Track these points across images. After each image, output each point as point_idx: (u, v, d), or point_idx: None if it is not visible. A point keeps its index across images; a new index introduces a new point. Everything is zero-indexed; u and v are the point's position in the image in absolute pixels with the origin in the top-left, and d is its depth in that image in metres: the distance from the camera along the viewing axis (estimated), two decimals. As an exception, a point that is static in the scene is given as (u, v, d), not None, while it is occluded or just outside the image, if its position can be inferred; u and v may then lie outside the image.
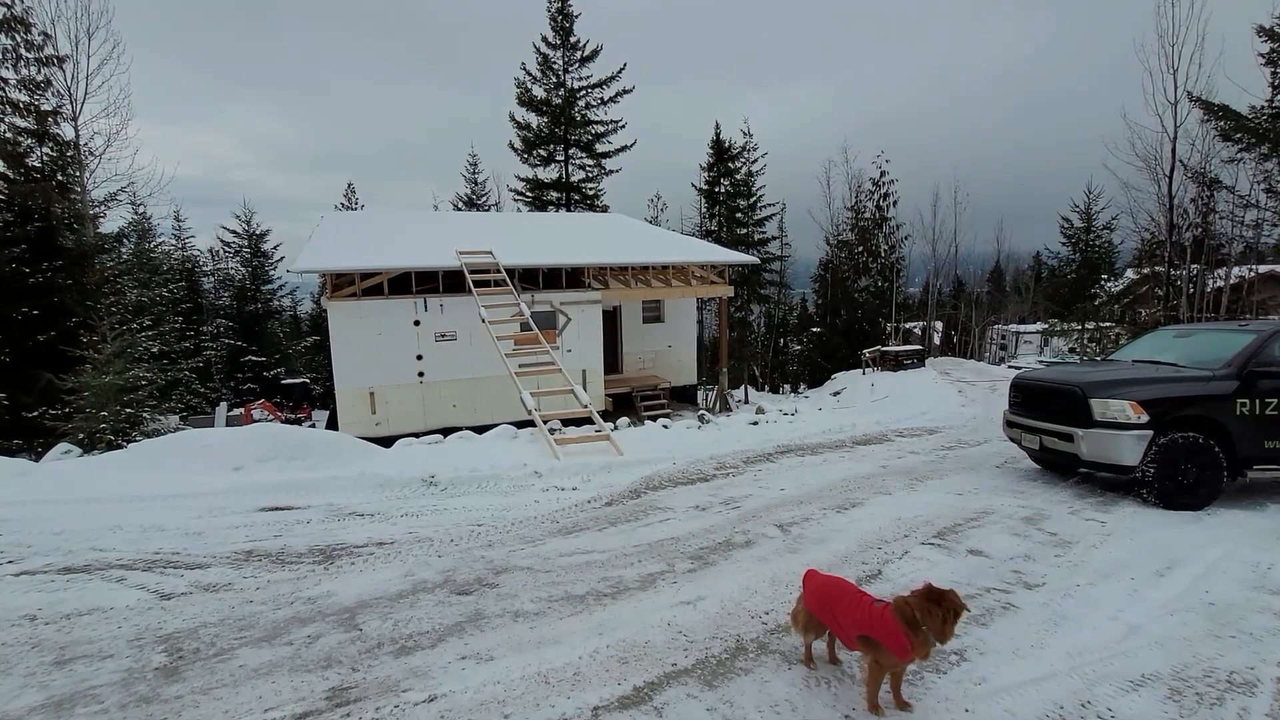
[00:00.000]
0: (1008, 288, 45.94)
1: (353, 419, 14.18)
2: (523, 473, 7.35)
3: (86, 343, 14.69)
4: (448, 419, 14.96)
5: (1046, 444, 7.60)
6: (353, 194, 41.83)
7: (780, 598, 4.17)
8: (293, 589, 4.16)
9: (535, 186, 32.81)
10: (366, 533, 5.45)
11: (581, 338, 16.25)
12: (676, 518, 6.06)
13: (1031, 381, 8.06)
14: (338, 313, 13.96)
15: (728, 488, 7.29)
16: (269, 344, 34.87)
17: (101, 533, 5.26)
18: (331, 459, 7.32)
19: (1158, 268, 27.03)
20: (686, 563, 4.77)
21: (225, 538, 5.26)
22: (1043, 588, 4.62)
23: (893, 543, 5.47)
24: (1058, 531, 5.94)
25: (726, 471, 8.14)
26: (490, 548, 5.05)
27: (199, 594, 4.06)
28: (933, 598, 2.82)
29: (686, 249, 19.52)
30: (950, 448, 10.19)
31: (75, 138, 19.82)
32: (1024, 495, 7.32)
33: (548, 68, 31.27)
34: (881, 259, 26.70)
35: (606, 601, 4.03)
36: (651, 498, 6.77)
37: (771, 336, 35.65)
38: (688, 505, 6.47)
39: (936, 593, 2.84)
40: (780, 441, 10.21)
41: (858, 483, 7.65)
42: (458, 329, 14.78)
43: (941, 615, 2.77)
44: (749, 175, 33.93)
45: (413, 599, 4.02)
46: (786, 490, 7.15)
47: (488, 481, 7.10)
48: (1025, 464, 8.87)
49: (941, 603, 2.80)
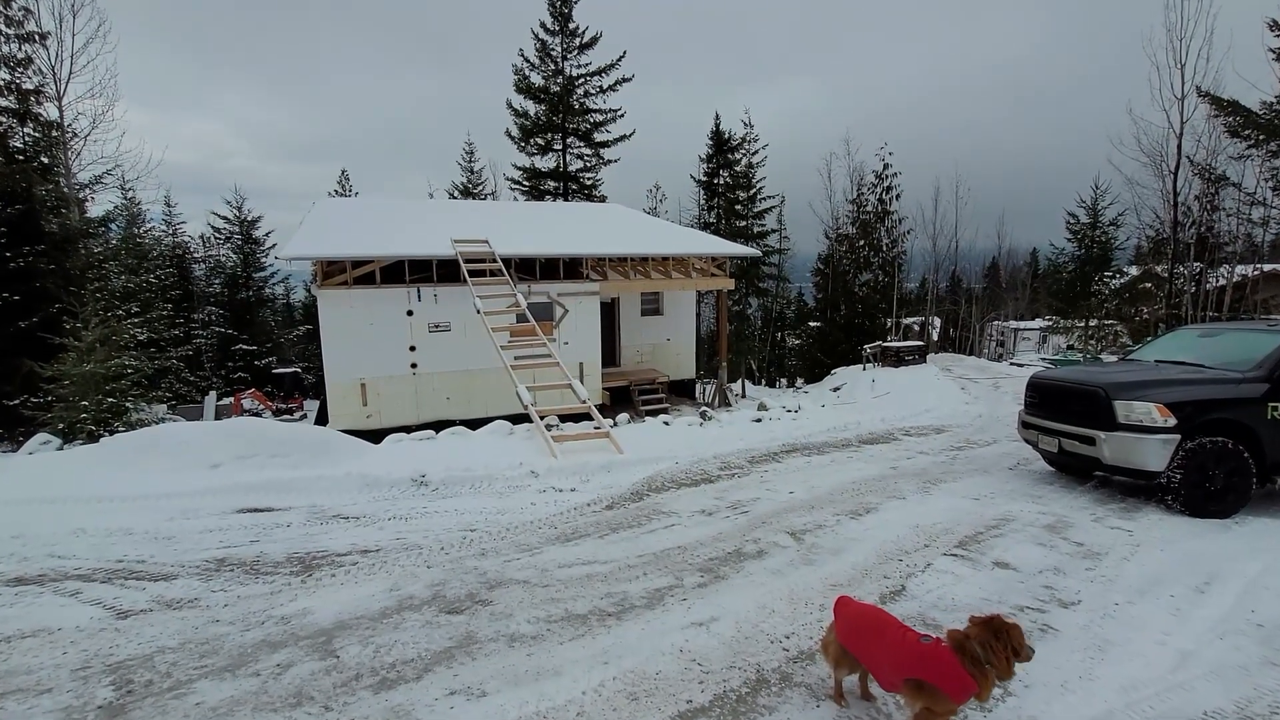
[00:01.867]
0: (1004, 283, 45.67)
1: (343, 411, 13.78)
2: (519, 472, 6.97)
3: (69, 329, 14.21)
4: (441, 412, 14.57)
5: (1066, 447, 7.28)
6: (346, 181, 41.19)
7: (801, 619, 3.82)
8: (265, 606, 3.77)
9: (532, 176, 32.25)
10: (350, 539, 5.07)
11: (579, 330, 15.85)
12: (682, 523, 5.70)
13: (1050, 381, 7.72)
14: (328, 302, 13.52)
15: (734, 490, 6.94)
16: (260, 332, 34.33)
17: (63, 537, 4.88)
18: (317, 456, 6.93)
19: (1159, 266, 26.79)
20: (696, 576, 4.42)
21: (197, 543, 4.88)
22: (1079, 606, 4.29)
23: (913, 554, 5.13)
24: (1084, 541, 5.62)
25: (732, 472, 7.79)
26: (484, 557, 4.68)
27: (160, 612, 3.67)
28: (995, 630, 2.47)
29: (687, 240, 19.12)
30: (959, 448, 9.87)
31: (59, 118, 19.22)
32: (1042, 500, 7.00)
33: (546, 55, 30.67)
34: (883, 253, 26.31)
35: (611, 622, 3.67)
36: (655, 501, 6.41)
37: (769, 330, 35.30)
38: (693, 509, 6.11)
39: (999, 624, 2.50)
40: (785, 440, 9.87)
41: (869, 485, 7.31)
42: (452, 320, 14.36)
43: (1005, 651, 2.42)
44: (749, 167, 33.45)
45: (397, 618, 3.64)
46: (796, 494, 6.80)
47: (482, 482, 6.72)
48: (1038, 466, 8.56)
49: (1005, 636, 2.45)
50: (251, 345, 33.06)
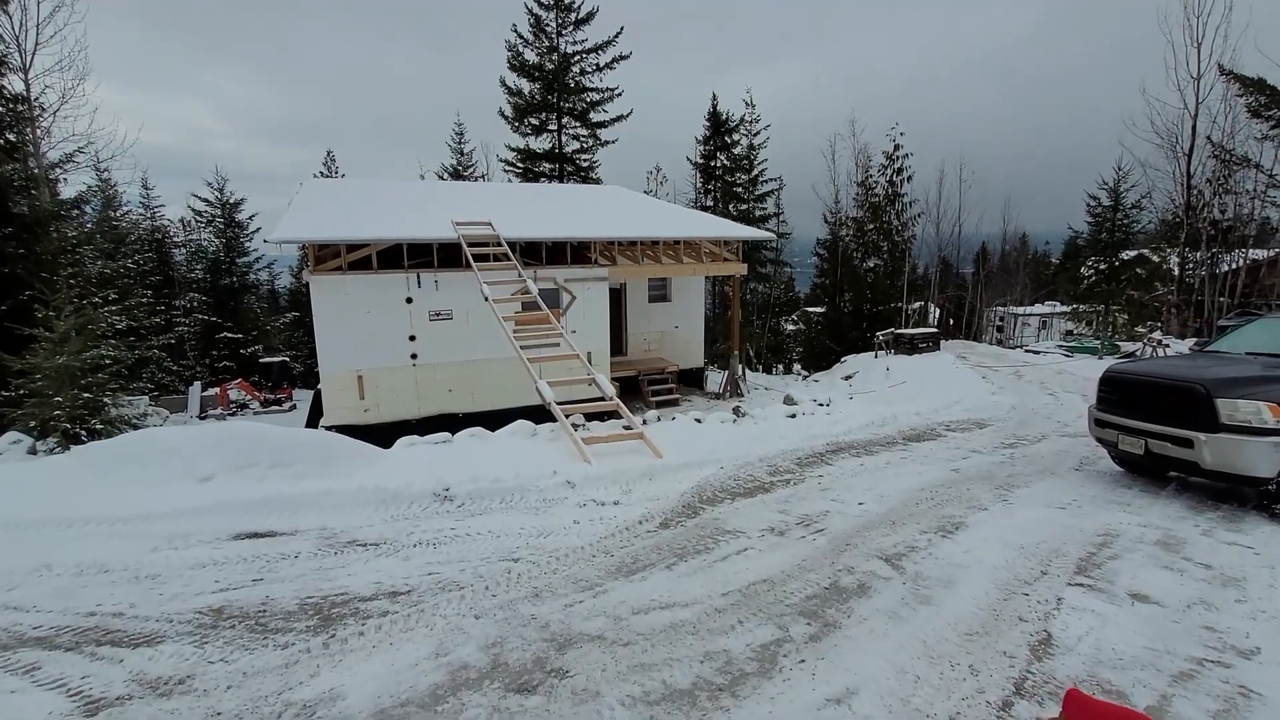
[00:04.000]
0: (993, 269, 45.15)
1: (339, 405, 12.86)
2: (552, 482, 6.15)
3: (41, 318, 13.13)
4: (444, 404, 13.70)
5: (1154, 449, 6.59)
6: (332, 163, 39.76)
7: (956, 689, 3.06)
8: (280, 685, 2.92)
9: (526, 157, 31.11)
10: (373, 574, 4.24)
11: (587, 318, 14.97)
12: (754, 546, 4.92)
13: (1135, 377, 6.99)
14: (321, 288, 12.55)
15: (795, 501, 6.17)
16: (246, 320, 33.02)
17: (23, 577, 4.01)
18: (323, 465, 6.07)
19: (1165, 251, 26.24)
20: (802, 623, 3.65)
21: (188, 584, 4.03)
22: (1261, 656, 3.57)
23: (1035, 584, 4.39)
24: (1210, 562, 4.92)
25: (784, 477, 7.02)
26: (539, 600, 3.88)
27: (142, 700, 2.79)
28: None
29: (697, 223, 18.24)
30: (1010, 445, 9.19)
31: (25, 91, 17.91)
32: (1132, 509, 6.33)
33: (540, 30, 29.44)
34: (894, 237, 25.53)
35: (727, 701, 2.88)
36: (712, 516, 5.63)
37: (768, 316, 34.54)
38: (760, 527, 5.34)
39: None
40: (826, 438, 9.14)
41: (939, 493, 6.58)
42: (454, 307, 13.44)
43: None
44: (750, 149, 32.51)
45: (454, 703, 2.80)
46: (867, 505, 6.04)
47: (513, 494, 5.89)
48: (1103, 465, 7.93)
49: None
50: (237, 333, 31.79)
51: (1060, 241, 55.47)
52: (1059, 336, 34.13)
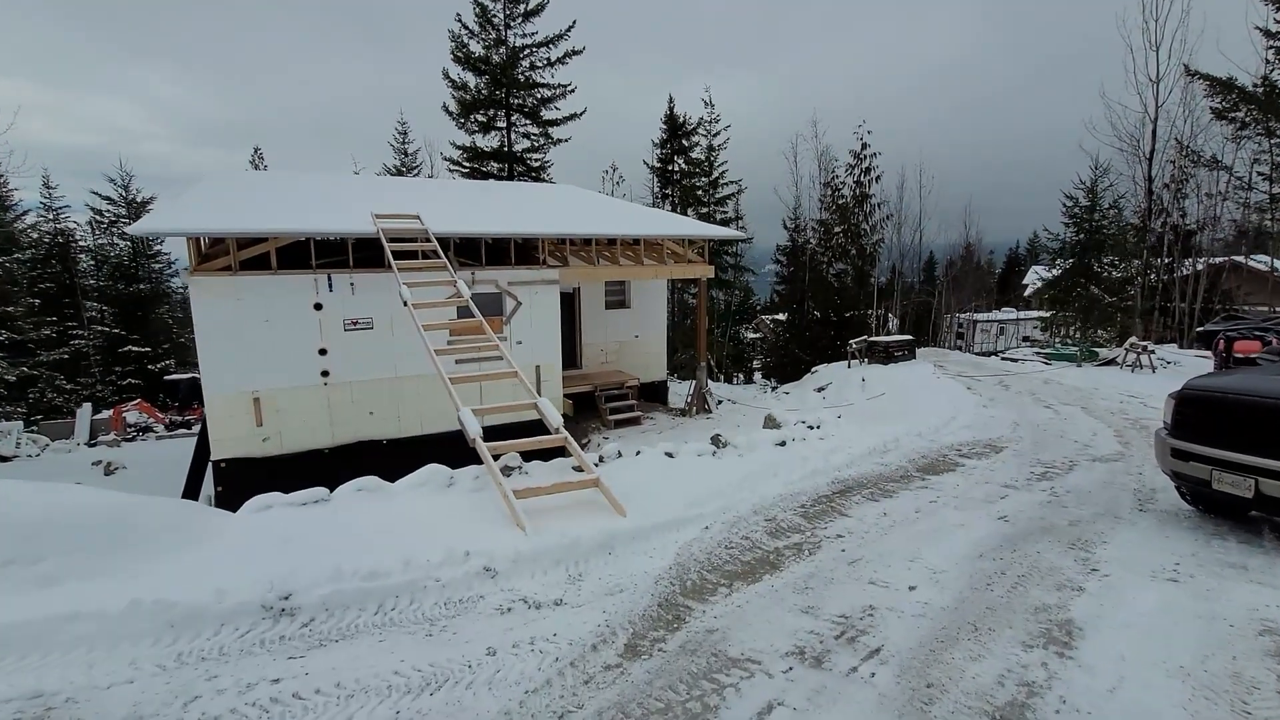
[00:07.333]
0: (939, 276, 44.88)
1: (229, 434, 10.49)
2: (464, 570, 4.10)
3: None
4: (363, 430, 11.47)
5: (1266, 490, 4.99)
6: (260, 162, 36.55)
7: None
8: None
9: (474, 156, 28.85)
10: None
11: (535, 326, 12.95)
12: (783, 699, 3.00)
13: (1237, 397, 5.38)
14: (205, 292, 10.24)
15: (820, 587, 4.29)
16: (157, 332, 29.66)
17: None
18: (102, 556, 3.89)
19: (1131, 261, 25.75)
20: None
21: None
22: None
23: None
24: None
25: (792, 541, 5.15)
26: None
27: None
28: None
29: (659, 221, 16.43)
30: (1042, 476, 7.59)
31: None
32: (1251, 572, 4.76)
33: (487, 21, 27.28)
34: (862, 240, 24.23)
35: None
36: (704, 624, 3.70)
37: (728, 324, 33.01)
38: (782, 649, 3.44)
39: None
40: (829, 474, 7.35)
41: (1005, 561, 4.82)
42: (374, 315, 11.25)
43: None
44: (710, 150, 31.03)
45: None
46: (921, 592, 4.21)
47: (398, 597, 3.82)
48: (1169, 504, 6.43)
49: None
50: (145, 347, 28.43)
51: (1005, 251, 56.09)
52: (1017, 342, 33.64)
